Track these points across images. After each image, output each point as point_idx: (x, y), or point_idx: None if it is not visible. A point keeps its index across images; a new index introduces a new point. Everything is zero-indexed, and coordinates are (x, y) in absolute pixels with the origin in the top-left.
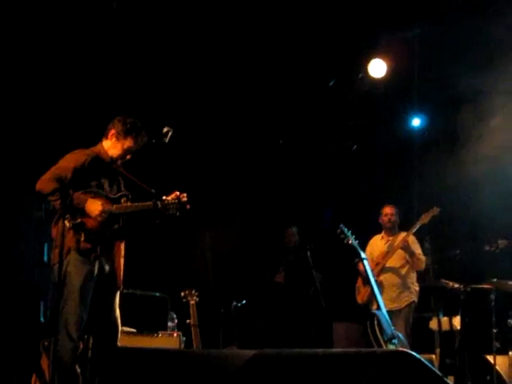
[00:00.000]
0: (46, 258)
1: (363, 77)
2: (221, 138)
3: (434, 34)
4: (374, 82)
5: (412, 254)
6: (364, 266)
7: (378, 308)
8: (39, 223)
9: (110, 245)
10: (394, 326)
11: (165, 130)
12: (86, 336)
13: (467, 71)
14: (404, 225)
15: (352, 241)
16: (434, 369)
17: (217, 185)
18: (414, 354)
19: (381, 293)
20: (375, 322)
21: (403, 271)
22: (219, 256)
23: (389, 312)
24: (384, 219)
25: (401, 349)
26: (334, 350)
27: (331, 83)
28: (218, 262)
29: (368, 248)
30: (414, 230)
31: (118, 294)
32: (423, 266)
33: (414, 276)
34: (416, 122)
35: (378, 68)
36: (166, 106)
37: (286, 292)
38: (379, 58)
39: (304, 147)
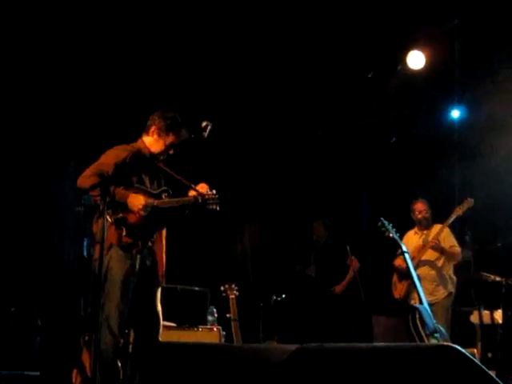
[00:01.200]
0: (85, 253)
1: (402, 69)
2: (260, 131)
3: (474, 23)
4: (413, 73)
5: (443, 251)
6: (405, 260)
7: (420, 302)
8: (79, 218)
9: (152, 240)
10: (434, 319)
11: (203, 124)
12: (126, 331)
13: (508, 61)
14: (443, 217)
15: (393, 234)
16: (478, 363)
17: (255, 178)
18: (458, 348)
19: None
20: (417, 316)
21: (439, 263)
22: (258, 250)
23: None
24: (418, 216)
25: (445, 343)
26: (378, 344)
27: (370, 75)
28: (257, 256)
29: (403, 243)
30: (449, 223)
31: (160, 288)
32: (459, 257)
33: (450, 267)
34: (455, 113)
35: (416, 60)
36: (203, 100)
37: (317, 285)
38: (418, 49)
39: (343, 139)
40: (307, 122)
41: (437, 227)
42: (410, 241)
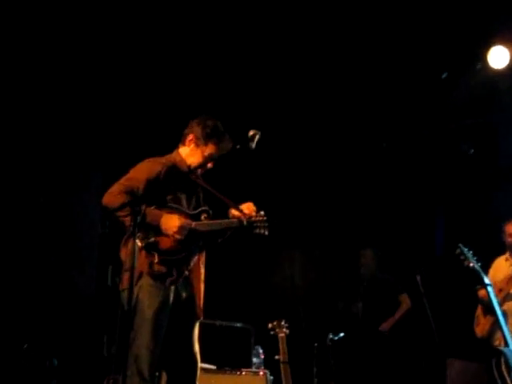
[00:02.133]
0: (110, 283)
1: (482, 68)
2: (315, 143)
3: None
4: (495, 73)
5: None
6: (488, 293)
7: (505, 343)
8: (103, 242)
9: (188, 267)
10: None
11: (251, 133)
12: (157, 373)
13: None
14: None
15: (473, 263)
16: None
17: (310, 196)
18: None
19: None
20: (502, 361)
21: None
22: (311, 282)
23: None
24: (508, 240)
25: None
26: None
27: (444, 76)
28: (310, 290)
29: (491, 272)
30: None
31: (197, 324)
32: None
33: None
34: None
35: (499, 57)
36: (252, 106)
37: (363, 325)
38: (501, 45)
39: (411, 151)
40: (370, 131)
41: None
42: (500, 269)
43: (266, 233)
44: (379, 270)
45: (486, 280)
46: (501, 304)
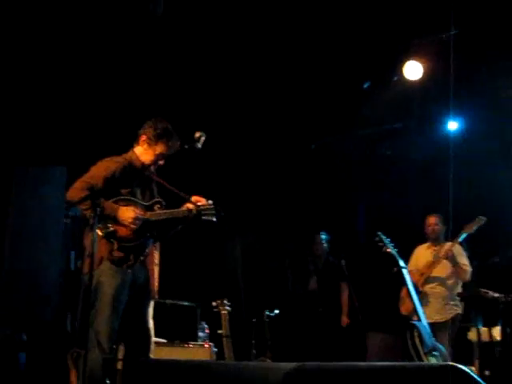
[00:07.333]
0: (72, 267)
1: (398, 79)
2: (254, 143)
3: (471, 34)
4: (410, 84)
5: (456, 264)
6: (403, 276)
7: (419, 319)
8: (65, 231)
9: (144, 254)
10: (436, 338)
11: (197, 135)
12: (114, 346)
13: (507, 71)
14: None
15: (391, 249)
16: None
17: (248, 190)
18: (463, 367)
19: (425, 303)
20: (415, 333)
21: (449, 282)
22: (251, 264)
23: (433, 324)
24: (428, 229)
25: (450, 363)
26: (379, 363)
27: (365, 86)
28: (249, 270)
29: (413, 258)
30: (460, 240)
31: (152, 304)
32: (467, 276)
33: (459, 287)
34: (453, 125)
35: (413, 70)
36: (198, 111)
37: (320, 299)
38: (415, 59)
39: (337, 152)
40: (300, 134)
41: (448, 244)
42: (421, 255)
43: (214, 219)
44: (330, 252)
45: (401, 263)
46: (422, 286)
